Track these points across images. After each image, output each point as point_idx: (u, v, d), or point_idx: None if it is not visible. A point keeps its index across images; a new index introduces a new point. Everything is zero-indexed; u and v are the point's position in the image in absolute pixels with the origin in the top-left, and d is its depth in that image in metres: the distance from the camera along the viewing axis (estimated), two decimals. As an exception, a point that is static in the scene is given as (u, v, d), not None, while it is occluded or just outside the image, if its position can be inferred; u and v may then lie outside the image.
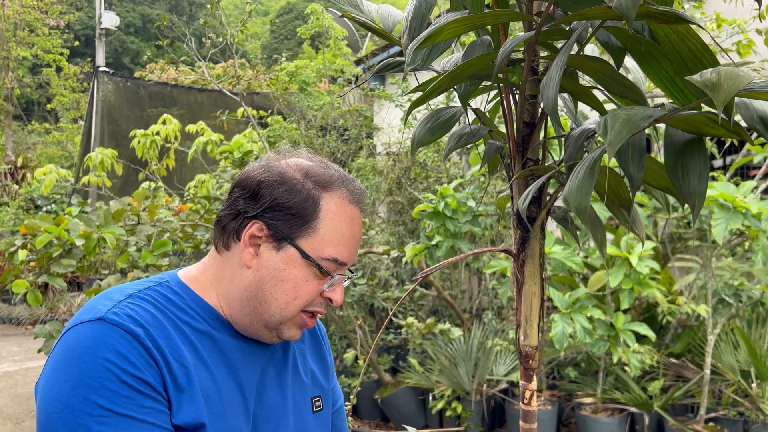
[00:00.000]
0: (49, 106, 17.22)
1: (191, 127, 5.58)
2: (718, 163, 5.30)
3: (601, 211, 2.96)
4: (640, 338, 3.63)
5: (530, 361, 1.19)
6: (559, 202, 1.20)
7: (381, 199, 5.93)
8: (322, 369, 1.13)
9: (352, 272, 1.02)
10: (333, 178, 0.95)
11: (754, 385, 3.69)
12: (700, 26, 0.96)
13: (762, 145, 3.85)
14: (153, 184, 4.77)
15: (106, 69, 10.97)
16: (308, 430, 1.03)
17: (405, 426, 1.08)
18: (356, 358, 4.44)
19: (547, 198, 1.19)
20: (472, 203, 3.71)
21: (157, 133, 5.43)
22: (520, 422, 1.21)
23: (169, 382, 0.85)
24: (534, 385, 1.21)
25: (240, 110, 5.53)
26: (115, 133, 10.18)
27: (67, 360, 0.82)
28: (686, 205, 1.03)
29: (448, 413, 4.10)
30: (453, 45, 1.53)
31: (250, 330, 0.96)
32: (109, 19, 12.68)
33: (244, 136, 4.84)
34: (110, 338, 0.82)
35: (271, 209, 0.92)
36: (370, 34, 5.93)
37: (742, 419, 3.69)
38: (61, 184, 8.75)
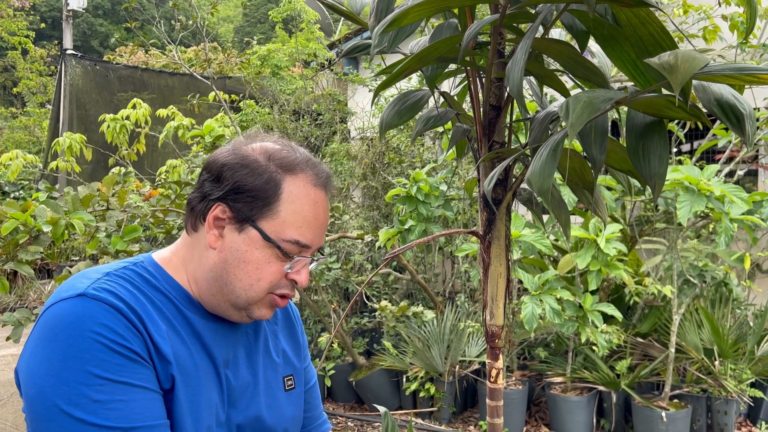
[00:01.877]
0: (15, 89, 16.76)
1: (162, 112, 5.49)
2: (686, 147, 5.41)
3: (570, 194, 3.01)
4: (608, 319, 3.71)
5: (496, 341, 1.22)
6: (525, 185, 1.22)
7: (355, 184, 5.92)
8: (294, 349, 1.15)
9: (322, 255, 1.03)
10: (297, 161, 0.96)
11: (716, 363, 3.81)
12: (660, 10, 0.98)
13: (726, 129, 3.93)
14: (123, 170, 4.70)
15: (73, 52, 10.69)
16: (280, 407, 1.05)
17: (377, 406, 1.10)
18: (330, 341, 4.46)
19: (513, 180, 1.21)
20: (444, 187, 3.73)
21: (127, 118, 5.34)
22: (487, 400, 1.24)
23: (153, 353, 0.87)
24: (500, 363, 1.24)
25: (211, 94, 5.46)
26: (84, 117, 9.97)
27: (53, 336, 0.82)
28: (648, 187, 1.06)
29: (421, 394, 4.16)
30: (423, 27, 1.54)
31: (218, 309, 0.97)
32: (77, 1, 12.34)
33: (216, 120, 4.77)
34: (94, 312, 0.83)
35: (233, 192, 0.93)
36: (343, 18, 5.88)
37: (705, 396, 3.80)
38: (29, 170, 8.57)
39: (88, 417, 0.79)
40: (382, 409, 1.07)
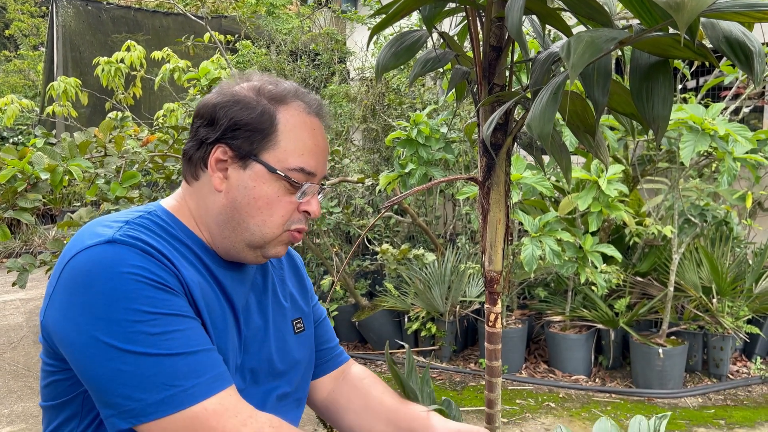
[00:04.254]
0: (7, 32, 16.37)
1: (157, 54, 5.37)
2: (691, 84, 5.30)
3: (572, 136, 2.97)
4: (608, 259, 3.74)
5: (495, 286, 1.23)
6: (526, 129, 1.19)
7: (355, 126, 5.86)
8: (301, 293, 1.17)
9: (323, 186, 1.02)
10: (286, 92, 0.96)
11: (714, 300, 3.86)
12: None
13: (733, 66, 3.85)
14: (120, 114, 4.64)
15: (63, -9, 10.38)
16: (290, 350, 1.07)
17: (401, 342, 1.13)
18: (333, 284, 4.51)
19: (513, 124, 1.18)
20: (445, 130, 3.69)
21: (122, 61, 5.23)
22: (485, 343, 1.25)
23: (187, 294, 0.88)
24: (498, 308, 1.25)
25: (207, 35, 5.33)
26: (78, 60, 9.77)
27: (90, 281, 0.81)
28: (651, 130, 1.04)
29: (423, 333, 4.24)
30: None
31: (232, 252, 0.97)
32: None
33: (212, 62, 4.68)
34: (127, 255, 0.83)
35: (230, 129, 0.93)
36: (340, -49, 5.66)
37: (702, 332, 3.87)
38: (25, 115, 8.47)
39: (149, 349, 0.80)
40: (406, 346, 1.09)
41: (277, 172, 0.93)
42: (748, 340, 4.01)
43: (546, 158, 4.57)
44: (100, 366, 0.80)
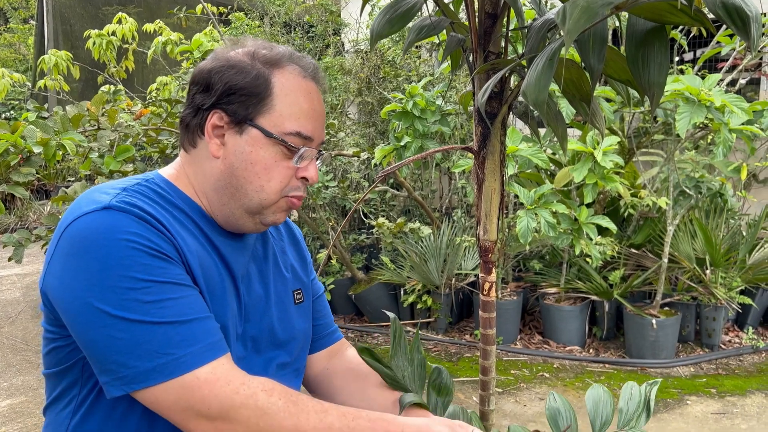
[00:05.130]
0: (-5, 5, 16.10)
1: (149, 26, 5.29)
2: (688, 56, 5.27)
3: (567, 107, 2.96)
4: (603, 231, 3.75)
5: (489, 255, 1.23)
6: (522, 98, 1.19)
7: (350, 99, 5.82)
8: (301, 265, 1.17)
9: (322, 152, 1.02)
10: (280, 56, 0.96)
11: (708, 271, 3.89)
12: None
13: (730, 36, 3.82)
14: (113, 88, 4.59)
15: (52, -38, 10.18)
16: (291, 320, 1.08)
17: (387, 312, 1.13)
18: (329, 258, 4.53)
19: (509, 93, 1.18)
20: (440, 102, 3.66)
21: (113, 33, 5.16)
22: (480, 312, 1.26)
23: (185, 261, 0.88)
24: (493, 277, 1.25)
25: (199, 7, 5.24)
26: (69, 33, 9.63)
27: (85, 248, 0.81)
28: (647, 99, 1.03)
29: (419, 306, 4.27)
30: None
31: (231, 220, 0.97)
32: None
33: (205, 34, 4.62)
34: (123, 222, 0.83)
35: (225, 95, 0.92)
36: None
37: (695, 303, 3.91)
38: (17, 89, 8.37)
39: (142, 317, 0.80)
40: (391, 315, 1.09)
41: (274, 136, 0.92)
42: (740, 311, 4.05)
43: (542, 131, 4.55)
44: (94, 332, 0.80)
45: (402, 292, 4.37)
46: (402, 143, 3.52)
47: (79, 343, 0.84)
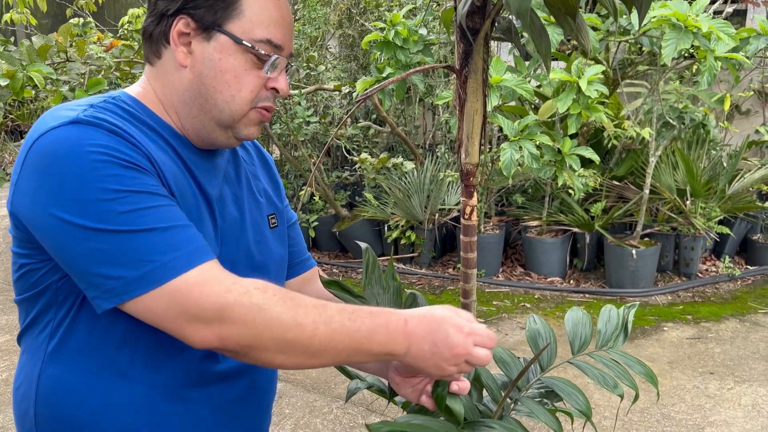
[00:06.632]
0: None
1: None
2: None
3: (553, 34, 2.89)
4: (586, 163, 3.75)
5: (471, 179, 1.21)
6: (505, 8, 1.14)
7: (330, 32, 5.65)
8: (274, 190, 1.15)
9: (291, 64, 0.98)
10: None
11: (688, 202, 3.93)
12: None
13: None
14: (82, 20, 4.40)
15: None
16: (267, 243, 1.06)
17: (359, 243, 1.11)
18: (312, 195, 4.50)
19: (491, 7, 1.13)
20: (423, 31, 3.56)
21: (79, -38, 4.91)
22: (461, 236, 1.25)
23: (160, 174, 0.85)
24: (474, 201, 1.24)
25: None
26: (33, -35, 9.17)
27: (56, 162, 0.78)
28: (633, 25, 0.99)
29: (402, 242, 4.29)
30: None
31: (203, 134, 0.94)
32: None
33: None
34: (94, 134, 0.79)
35: None
36: None
37: (675, 233, 3.97)
38: (-19, 25, 8.02)
39: (120, 227, 0.77)
40: (363, 245, 1.07)
41: (244, 43, 0.88)
42: (718, 240, 4.13)
43: (527, 64, 4.47)
44: (74, 247, 0.78)
45: (386, 228, 4.38)
46: (384, 74, 3.44)
47: (59, 260, 0.82)
